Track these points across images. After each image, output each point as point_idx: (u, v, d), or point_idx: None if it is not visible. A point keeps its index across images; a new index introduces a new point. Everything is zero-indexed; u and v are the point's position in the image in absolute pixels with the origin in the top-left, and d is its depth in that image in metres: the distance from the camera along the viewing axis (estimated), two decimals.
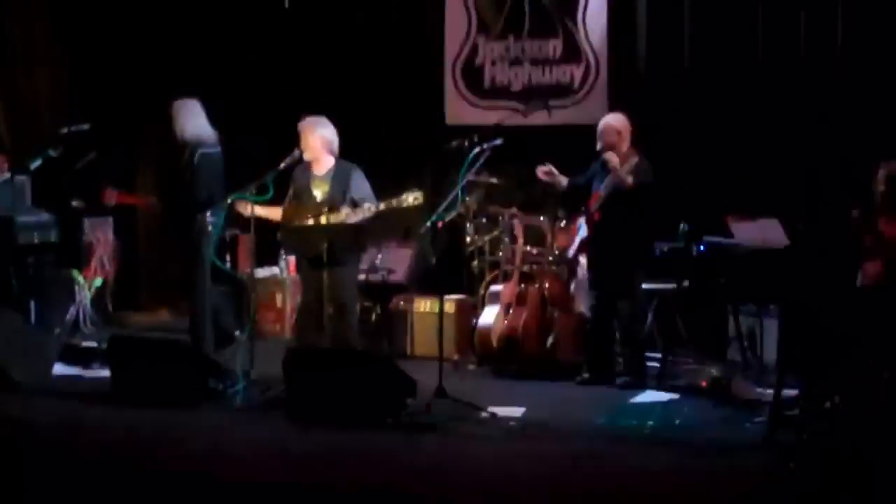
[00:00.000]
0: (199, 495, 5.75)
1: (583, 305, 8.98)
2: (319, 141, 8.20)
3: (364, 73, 11.16)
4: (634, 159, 8.22)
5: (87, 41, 11.41)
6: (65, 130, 9.49)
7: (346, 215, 7.92)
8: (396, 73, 10.98)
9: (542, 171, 8.71)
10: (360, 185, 8.15)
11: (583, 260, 8.97)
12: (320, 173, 8.21)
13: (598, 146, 8.47)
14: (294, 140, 8.37)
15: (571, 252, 8.67)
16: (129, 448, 6.54)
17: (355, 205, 7.97)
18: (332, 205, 7.98)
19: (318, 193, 8.14)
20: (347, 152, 8.51)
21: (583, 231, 8.46)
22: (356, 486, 5.85)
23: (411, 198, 7.86)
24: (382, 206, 7.91)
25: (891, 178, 7.33)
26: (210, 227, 8.79)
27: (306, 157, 8.19)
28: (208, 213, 8.78)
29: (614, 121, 8.54)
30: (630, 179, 8.14)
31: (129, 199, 9.25)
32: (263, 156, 8.77)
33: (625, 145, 8.45)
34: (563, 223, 9.10)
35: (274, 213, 8.19)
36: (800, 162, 9.21)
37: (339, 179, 8.14)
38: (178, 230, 8.73)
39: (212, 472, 6.09)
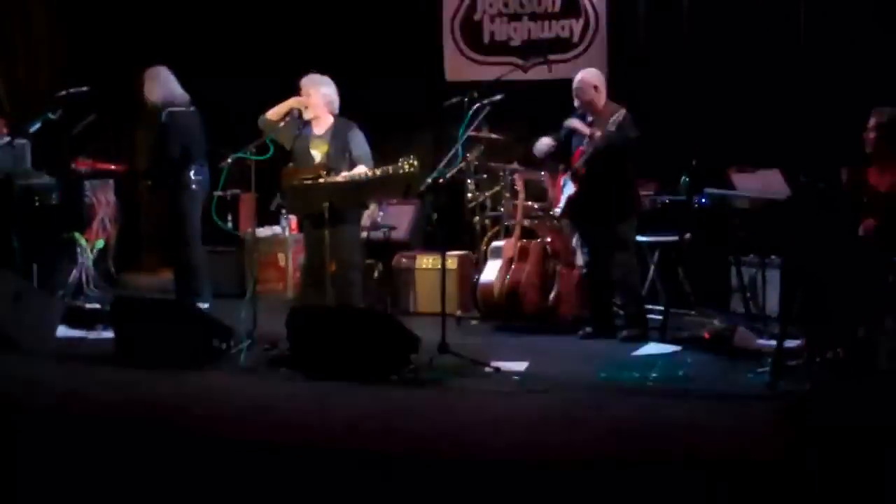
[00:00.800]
0: (205, 455, 5.75)
1: (581, 260, 8.98)
2: (322, 99, 8.20)
3: (363, 30, 11.13)
4: (619, 112, 8.11)
5: (84, 3, 11.35)
6: (64, 93, 9.48)
7: (342, 177, 7.92)
8: (395, 30, 10.95)
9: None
10: (359, 143, 8.15)
11: None
12: (320, 132, 8.20)
13: (577, 103, 8.44)
14: (291, 96, 8.34)
15: (559, 210, 8.63)
16: (134, 409, 6.53)
17: (353, 166, 7.98)
18: (330, 167, 7.97)
19: (317, 154, 8.14)
20: (347, 111, 8.50)
21: (569, 188, 8.41)
22: (361, 442, 5.86)
23: (406, 164, 7.82)
24: (379, 172, 7.88)
25: (882, 125, 7.30)
26: (194, 185, 8.85)
27: (307, 115, 8.19)
28: (191, 171, 8.85)
29: (590, 76, 8.48)
30: (613, 128, 8.05)
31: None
32: (260, 113, 8.78)
33: (602, 99, 8.42)
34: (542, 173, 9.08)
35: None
36: (799, 113, 9.18)
37: (338, 138, 8.13)
38: (158, 189, 8.84)
39: (217, 432, 6.09)
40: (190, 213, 8.88)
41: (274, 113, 8.21)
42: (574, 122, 8.40)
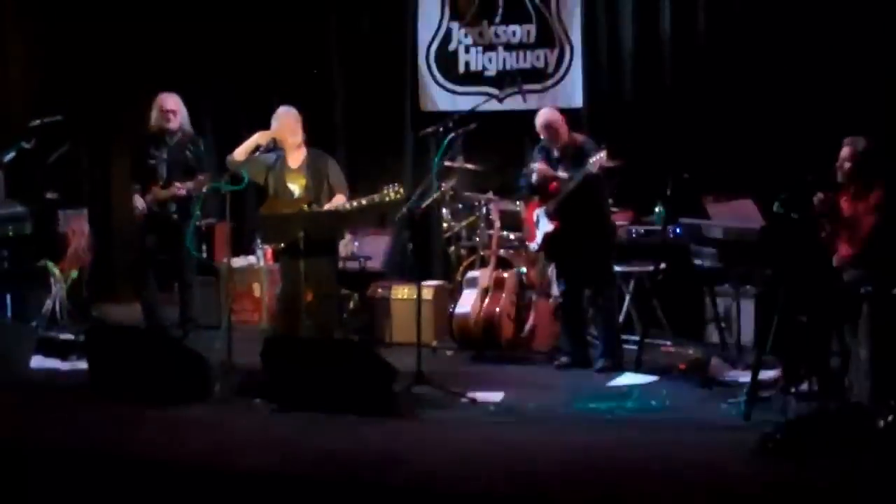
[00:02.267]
0: (180, 486, 5.73)
1: (557, 290, 8.99)
2: (294, 130, 8.20)
3: (337, 61, 11.14)
4: (600, 153, 8.06)
5: (59, 32, 11.32)
6: (38, 122, 9.46)
7: (326, 209, 7.94)
8: (370, 61, 10.97)
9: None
10: (336, 173, 8.20)
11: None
12: (295, 165, 8.19)
13: (545, 139, 8.47)
14: (266, 126, 8.34)
15: (535, 246, 8.65)
16: (109, 441, 6.50)
17: (332, 196, 7.99)
18: (312, 201, 7.98)
19: (295, 187, 8.13)
20: (322, 141, 8.50)
21: (544, 224, 8.43)
22: (335, 473, 5.85)
23: (392, 192, 7.83)
24: (364, 201, 7.89)
25: (858, 154, 7.34)
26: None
27: (292, 142, 8.16)
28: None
29: (556, 115, 8.51)
30: (595, 169, 8.07)
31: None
32: (236, 144, 8.77)
33: (566, 134, 8.44)
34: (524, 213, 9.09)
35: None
36: (774, 143, 9.25)
37: (315, 170, 8.14)
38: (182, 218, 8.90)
39: (192, 463, 6.07)
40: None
41: (240, 152, 8.18)
42: (541, 168, 8.40)
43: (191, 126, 9.36)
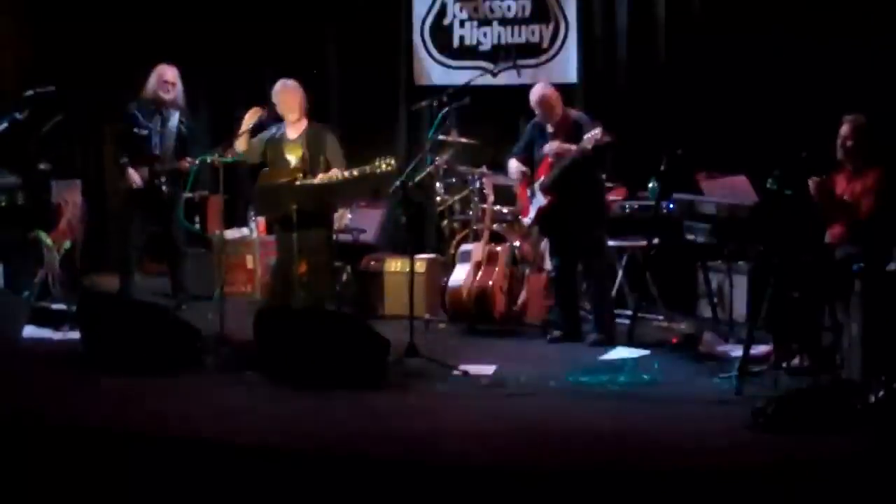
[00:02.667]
0: (173, 458, 5.74)
1: (550, 264, 9.00)
2: (301, 103, 8.23)
3: (332, 33, 11.11)
4: (596, 129, 8.07)
5: (50, 10, 11.28)
6: (31, 93, 9.42)
7: (319, 180, 7.96)
8: (364, 35, 10.93)
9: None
10: (334, 148, 8.23)
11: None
12: (293, 136, 8.25)
13: (539, 115, 8.46)
14: (259, 100, 8.35)
15: (528, 221, 8.65)
16: (101, 411, 6.51)
17: (328, 169, 8.01)
18: (307, 170, 8.00)
19: (292, 158, 8.17)
20: (317, 114, 8.49)
21: (538, 199, 8.43)
22: (328, 445, 5.85)
23: (384, 164, 7.90)
24: (356, 172, 7.94)
25: (859, 130, 7.36)
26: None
27: (291, 118, 8.19)
28: None
29: (551, 90, 8.49)
30: (590, 145, 8.07)
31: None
32: (229, 116, 8.79)
33: (560, 109, 8.44)
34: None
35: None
36: (769, 119, 9.25)
37: (314, 142, 8.18)
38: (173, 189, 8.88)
39: (183, 435, 6.07)
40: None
41: (240, 142, 8.28)
42: (553, 146, 8.38)
43: (183, 100, 9.35)
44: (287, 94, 8.27)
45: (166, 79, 9.19)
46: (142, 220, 9.30)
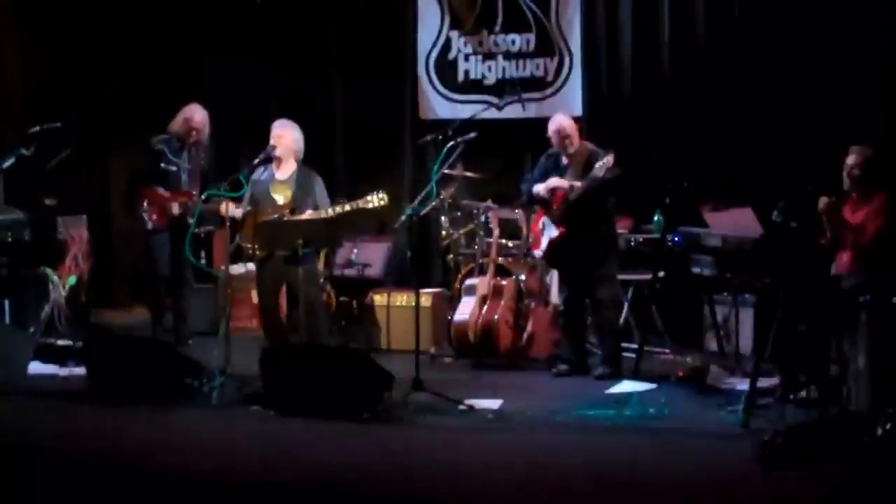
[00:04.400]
0: (178, 494, 5.72)
1: (556, 297, 9.00)
2: (292, 143, 8.27)
3: (337, 69, 11.15)
4: (607, 157, 8.11)
5: (56, 37, 11.32)
6: (37, 129, 9.45)
7: (308, 216, 7.98)
8: (370, 69, 10.98)
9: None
10: (322, 192, 8.28)
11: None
12: (282, 177, 8.30)
13: (556, 146, 8.47)
14: (264, 136, 8.39)
15: (540, 253, 8.65)
16: (108, 447, 6.49)
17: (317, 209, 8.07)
18: (293, 208, 8.05)
19: (280, 198, 8.21)
20: (322, 148, 8.51)
21: (550, 231, 8.42)
22: (335, 481, 5.84)
23: (376, 199, 7.96)
24: (347, 207, 7.98)
25: (867, 161, 7.40)
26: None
27: (277, 153, 8.23)
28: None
29: (570, 121, 8.53)
30: (602, 173, 8.10)
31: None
32: (236, 152, 8.81)
33: (577, 140, 8.45)
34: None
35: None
36: (773, 152, 9.25)
37: (302, 185, 8.22)
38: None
39: (191, 470, 6.05)
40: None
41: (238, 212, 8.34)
42: (553, 182, 8.39)
43: (207, 138, 9.38)
44: (285, 132, 8.31)
45: (193, 124, 9.24)
46: (163, 255, 9.29)
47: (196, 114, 9.29)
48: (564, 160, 8.46)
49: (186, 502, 5.60)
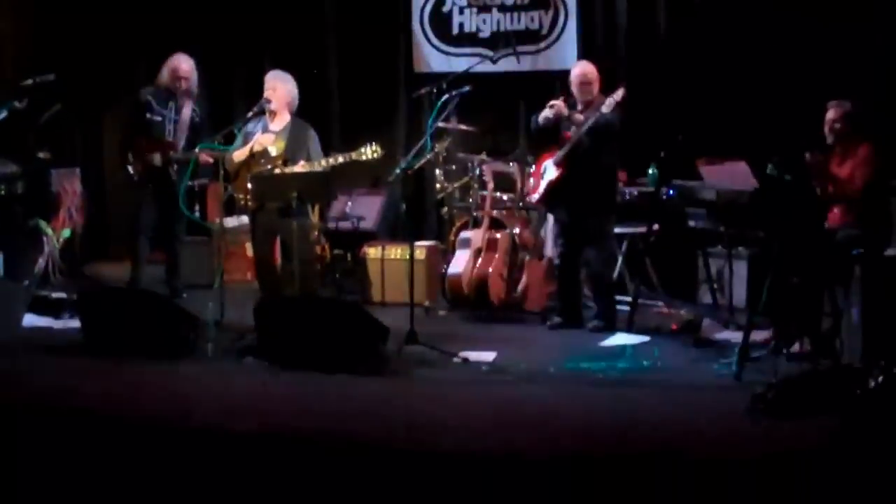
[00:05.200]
0: (172, 445, 5.74)
1: (550, 250, 9.00)
2: (286, 95, 8.24)
3: (331, 22, 11.10)
4: (616, 92, 8.14)
5: None
6: (30, 81, 9.41)
7: (302, 167, 7.98)
8: (364, 22, 10.92)
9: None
10: (316, 146, 8.25)
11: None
12: (276, 128, 8.26)
13: (577, 94, 8.42)
14: (258, 89, 8.36)
15: (537, 196, 8.62)
16: (102, 400, 6.50)
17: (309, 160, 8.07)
18: (287, 159, 8.04)
19: (273, 149, 8.18)
20: (316, 102, 8.48)
21: (550, 172, 8.40)
22: (328, 432, 5.86)
23: (369, 151, 7.98)
24: (340, 159, 7.98)
25: (847, 115, 7.46)
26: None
27: (272, 107, 8.21)
28: None
29: (589, 68, 8.49)
30: (608, 110, 8.07)
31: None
32: (230, 106, 8.78)
33: (596, 89, 8.43)
34: (531, 168, 9.04)
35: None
36: (768, 105, 9.24)
37: (296, 137, 8.20)
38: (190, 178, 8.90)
39: (185, 422, 6.06)
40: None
41: (239, 155, 8.22)
42: (558, 105, 8.35)
43: (196, 88, 9.33)
44: (278, 83, 8.27)
45: (180, 73, 9.18)
46: (150, 207, 9.27)
47: (182, 63, 9.23)
48: (579, 108, 8.41)
49: (180, 453, 5.61)
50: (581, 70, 8.46)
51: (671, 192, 8.31)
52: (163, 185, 9.08)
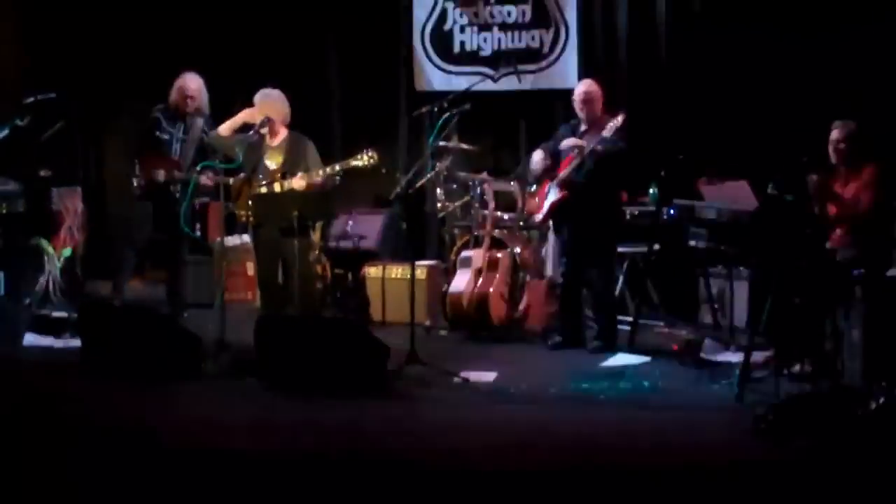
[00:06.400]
0: (173, 466, 5.73)
1: (551, 270, 9.00)
2: (280, 113, 8.27)
3: (332, 39, 11.11)
4: (617, 117, 8.11)
5: (51, 6, 11.26)
6: (31, 99, 9.42)
7: (299, 178, 8.00)
8: (365, 40, 10.94)
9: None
10: (314, 156, 8.28)
11: (550, 224, 8.93)
12: (274, 144, 8.32)
13: (581, 113, 8.42)
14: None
15: (540, 216, 8.63)
16: (101, 419, 6.50)
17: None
18: (285, 172, 8.06)
19: (272, 164, 8.23)
20: (318, 120, 8.49)
21: (553, 195, 8.40)
22: (327, 451, 5.85)
23: (366, 157, 7.98)
24: (338, 167, 8.02)
25: (851, 136, 7.44)
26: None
27: (265, 130, 8.23)
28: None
29: (593, 87, 8.49)
30: (609, 133, 8.08)
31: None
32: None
33: (600, 108, 8.43)
34: (533, 188, 9.05)
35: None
36: (769, 124, 9.24)
37: (294, 149, 8.24)
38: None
39: (183, 441, 6.06)
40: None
41: (225, 128, 8.27)
42: (570, 141, 8.35)
43: (208, 108, 9.29)
44: (268, 104, 8.31)
45: (187, 93, 9.10)
46: (145, 222, 9.23)
47: (190, 82, 9.20)
48: (583, 128, 8.42)
49: (180, 475, 5.60)
50: (584, 88, 8.46)
51: (672, 211, 8.31)
52: (163, 204, 9.05)
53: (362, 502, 5.22)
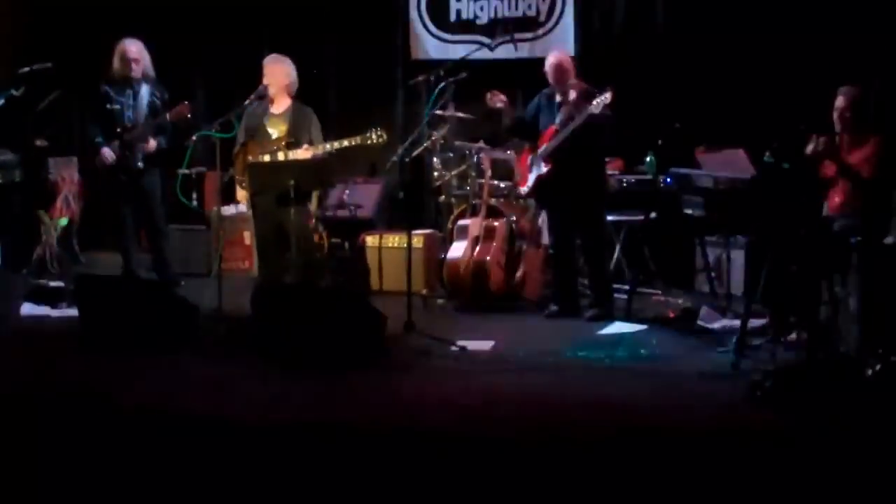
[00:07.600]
0: (169, 435, 5.74)
1: (547, 239, 9.00)
2: (285, 79, 8.25)
3: (328, 8, 11.07)
4: (605, 94, 8.05)
5: None
6: (27, 69, 9.39)
7: (305, 151, 7.98)
8: (361, 9, 10.90)
9: (495, 97, 8.64)
10: (318, 129, 8.27)
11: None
12: (277, 112, 8.31)
13: (553, 82, 8.42)
14: (257, 77, 8.35)
15: (526, 189, 8.63)
16: (99, 390, 6.50)
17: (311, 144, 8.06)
18: (289, 142, 8.04)
19: (275, 132, 8.22)
20: (314, 90, 8.46)
21: (538, 167, 8.40)
22: (326, 421, 5.86)
23: (375, 136, 7.96)
24: (346, 143, 8.00)
25: (856, 103, 7.38)
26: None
27: (270, 91, 8.22)
28: None
29: (568, 58, 8.51)
30: (600, 109, 8.06)
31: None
32: (229, 95, 8.76)
33: (573, 77, 8.43)
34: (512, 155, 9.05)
35: None
36: (766, 92, 9.22)
37: (298, 120, 8.23)
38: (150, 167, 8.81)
39: (181, 412, 6.07)
40: None
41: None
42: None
43: (153, 70, 9.17)
44: (276, 68, 8.30)
45: (129, 56, 8.98)
46: (123, 199, 9.12)
47: (130, 45, 8.99)
48: (559, 98, 8.41)
49: (179, 445, 5.61)
50: (557, 59, 8.44)
51: (669, 179, 8.31)
52: (126, 174, 8.92)
53: (361, 471, 5.24)
